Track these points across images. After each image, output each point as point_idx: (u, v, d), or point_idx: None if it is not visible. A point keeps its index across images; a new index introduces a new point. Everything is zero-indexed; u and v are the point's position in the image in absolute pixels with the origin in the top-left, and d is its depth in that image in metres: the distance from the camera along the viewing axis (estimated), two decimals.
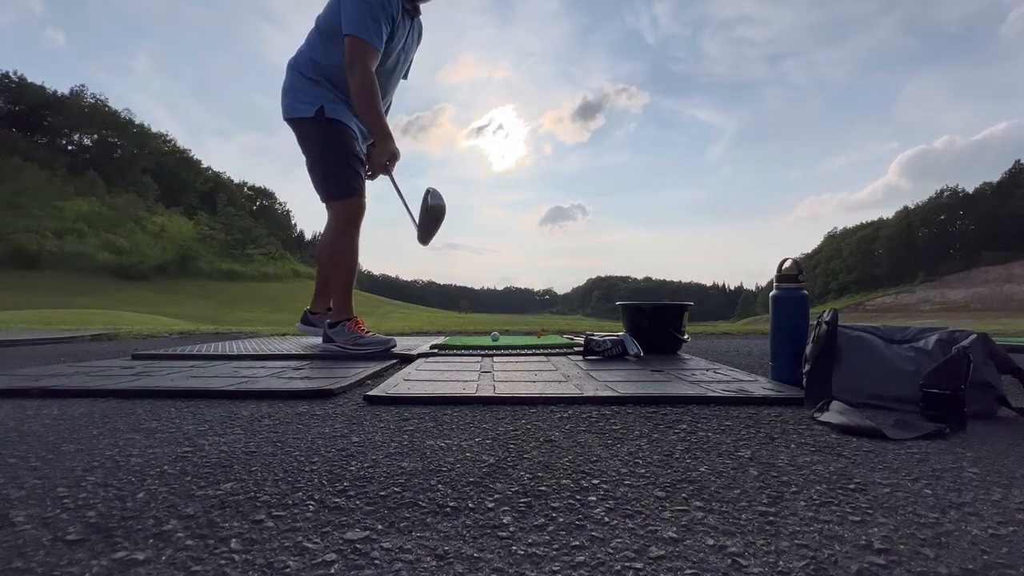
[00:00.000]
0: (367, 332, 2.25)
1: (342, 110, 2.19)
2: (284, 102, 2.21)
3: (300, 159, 2.32)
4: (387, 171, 2.28)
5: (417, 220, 2.26)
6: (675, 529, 0.57)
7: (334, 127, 2.17)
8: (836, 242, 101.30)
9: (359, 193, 2.22)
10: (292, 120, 2.21)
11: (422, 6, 2.26)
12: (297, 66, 2.21)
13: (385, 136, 2.18)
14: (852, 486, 0.70)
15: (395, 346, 2.27)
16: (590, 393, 1.30)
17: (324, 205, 2.29)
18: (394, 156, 2.23)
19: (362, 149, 2.30)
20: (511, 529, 0.57)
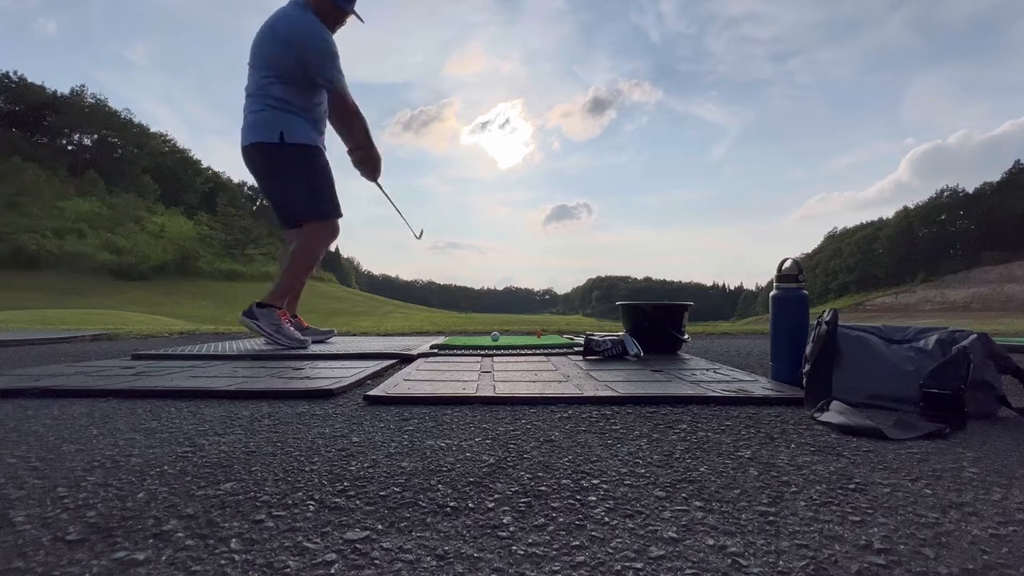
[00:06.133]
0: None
1: None
2: None
3: None
4: None
5: None
6: (675, 529, 0.57)
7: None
8: (836, 242, 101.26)
9: None
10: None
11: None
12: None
13: None
14: (852, 486, 0.70)
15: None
16: (590, 393, 1.30)
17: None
18: None
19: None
20: (511, 529, 0.57)
